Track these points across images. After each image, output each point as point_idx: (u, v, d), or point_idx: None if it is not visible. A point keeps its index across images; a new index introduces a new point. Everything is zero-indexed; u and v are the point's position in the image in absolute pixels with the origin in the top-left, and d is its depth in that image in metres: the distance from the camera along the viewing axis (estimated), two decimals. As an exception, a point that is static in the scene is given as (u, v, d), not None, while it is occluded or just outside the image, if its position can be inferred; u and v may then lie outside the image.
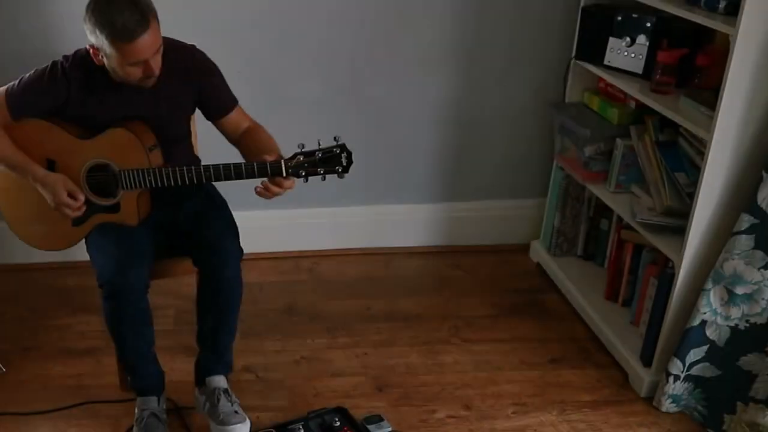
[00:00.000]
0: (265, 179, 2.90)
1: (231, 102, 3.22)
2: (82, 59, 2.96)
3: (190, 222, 3.14)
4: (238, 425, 3.08)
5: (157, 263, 3.16)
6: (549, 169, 4.20)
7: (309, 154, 2.86)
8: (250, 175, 2.88)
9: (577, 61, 3.81)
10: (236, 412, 3.14)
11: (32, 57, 3.27)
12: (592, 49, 3.66)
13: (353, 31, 4.02)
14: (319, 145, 2.86)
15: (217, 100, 3.19)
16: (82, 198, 2.99)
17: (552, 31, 4.07)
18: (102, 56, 2.82)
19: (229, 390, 3.21)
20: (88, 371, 3.57)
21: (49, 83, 2.95)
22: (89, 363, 3.63)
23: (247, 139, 3.20)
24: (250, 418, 3.15)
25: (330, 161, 2.87)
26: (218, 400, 3.14)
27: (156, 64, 2.84)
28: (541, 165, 4.34)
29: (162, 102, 3.05)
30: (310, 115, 4.13)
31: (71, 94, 2.96)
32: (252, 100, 3.50)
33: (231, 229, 3.13)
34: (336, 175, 2.90)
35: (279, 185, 2.90)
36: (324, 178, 2.91)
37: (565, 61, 3.92)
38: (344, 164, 2.89)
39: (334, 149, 2.86)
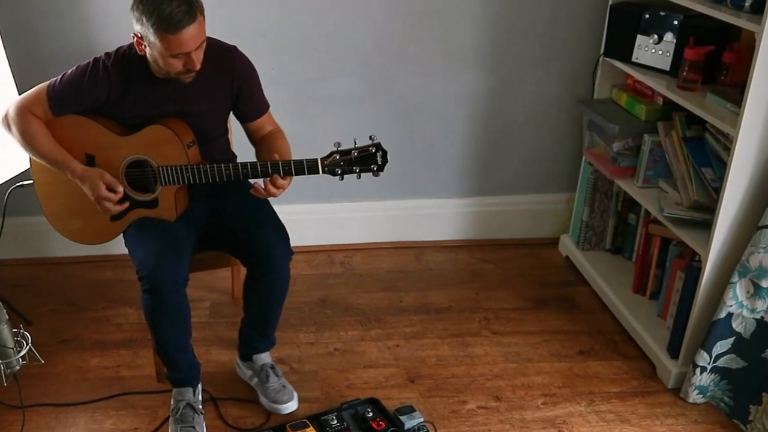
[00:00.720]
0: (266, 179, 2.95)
1: (264, 107, 3.26)
2: (124, 56, 2.99)
3: (237, 221, 3.16)
4: (290, 403, 3.22)
5: (195, 257, 3.19)
6: (578, 164, 4.20)
7: (345, 153, 2.89)
8: (287, 173, 2.91)
9: (606, 58, 3.81)
10: (284, 386, 3.25)
11: (74, 53, 3.32)
12: (620, 47, 3.67)
13: (385, 29, 4.04)
14: (355, 143, 2.89)
15: (253, 103, 3.22)
16: (120, 190, 3.01)
17: (581, 29, 4.07)
18: (145, 45, 2.84)
19: (274, 365, 3.32)
20: (125, 363, 3.61)
21: (90, 80, 2.97)
22: (126, 355, 3.67)
23: (267, 141, 3.23)
24: (295, 390, 3.25)
25: (366, 160, 2.90)
26: (267, 377, 3.26)
27: (198, 58, 2.87)
28: (570, 160, 4.35)
29: (201, 100, 3.07)
30: (342, 112, 4.16)
31: (112, 90, 2.98)
32: (284, 97, 3.55)
33: (282, 232, 3.16)
34: (371, 173, 2.93)
35: (276, 185, 2.95)
36: (359, 177, 2.95)
37: (594, 58, 3.93)
38: (379, 163, 2.92)
39: (370, 148, 2.89)
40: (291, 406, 3.24)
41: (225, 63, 3.09)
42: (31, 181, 3.23)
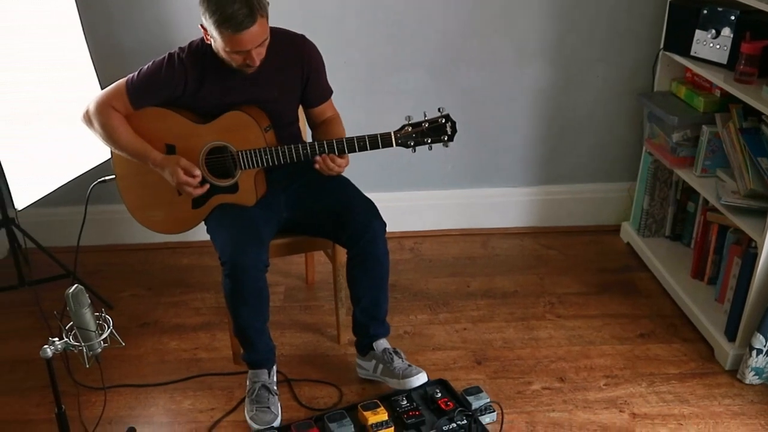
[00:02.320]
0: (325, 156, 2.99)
1: (329, 92, 3.30)
2: (197, 49, 3.05)
3: (325, 203, 3.19)
4: (419, 375, 3.19)
5: (277, 242, 3.24)
6: (639, 154, 4.20)
7: (416, 125, 2.93)
8: (362, 147, 2.95)
9: (665, 52, 3.82)
10: (409, 365, 3.25)
11: (155, 46, 3.38)
12: (679, 41, 3.68)
13: (451, 24, 4.07)
14: (425, 116, 2.92)
15: (320, 89, 3.26)
16: (198, 174, 3.07)
17: (642, 24, 4.07)
18: (210, 38, 2.91)
19: (397, 349, 3.32)
20: (203, 345, 3.67)
21: (167, 73, 3.03)
22: (203, 338, 3.73)
23: (325, 126, 3.28)
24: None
25: (436, 131, 2.94)
26: (391, 359, 3.25)
27: (258, 55, 2.91)
28: (631, 150, 4.34)
29: (273, 87, 3.12)
30: (411, 103, 4.15)
31: (188, 82, 3.05)
32: (355, 90, 3.59)
33: (372, 206, 3.18)
34: (442, 144, 2.96)
35: (336, 163, 3.00)
36: (431, 148, 2.97)
37: (654, 52, 3.94)
38: (449, 133, 2.95)
39: (440, 119, 2.93)
40: (421, 377, 3.20)
41: (294, 51, 3.13)
42: (113, 176, 3.29)
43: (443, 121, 2.94)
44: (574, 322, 3.73)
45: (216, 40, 2.87)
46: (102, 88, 3.16)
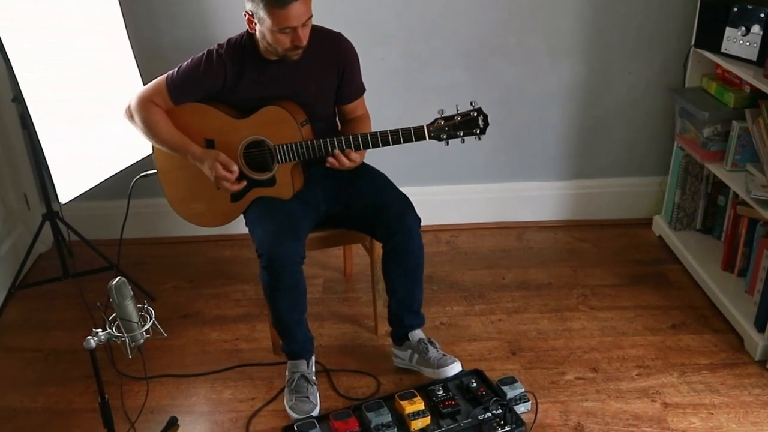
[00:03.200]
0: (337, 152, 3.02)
1: (361, 91, 3.34)
2: (236, 44, 3.09)
3: (362, 198, 3.21)
4: (454, 364, 3.23)
5: (315, 236, 3.27)
6: (670, 148, 4.20)
7: (449, 119, 2.95)
8: (396, 141, 2.98)
9: (696, 49, 3.82)
10: (444, 354, 3.28)
11: (196, 42, 3.41)
12: (710, 38, 3.67)
13: (487, 22, 4.09)
14: (457, 109, 2.95)
15: (353, 86, 3.29)
16: (235, 170, 3.10)
17: (673, 21, 4.07)
18: (255, 23, 2.94)
19: (432, 339, 3.35)
20: (243, 336, 3.70)
21: (206, 69, 3.07)
22: (244, 329, 3.76)
23: (353, 123, 3.31)
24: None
25: (468, 124, 2.96)
26: (426, 349, 3.28)
27: (304, 34, 2.93)
28: (663, 145, 4.34)
29: (310, 81, 3.15)
30: (446, 99, 4.11)
31: (227, 77, 3.08)
32: (392, 86, 3.60)
33: (407, 201, 3.19)
34: (474, 137, 2.98)
35: (349, 158, 3.03)
36: (463, 141, 2.99)
37: (685, 49, 3.94)
38: (481, 126, 2.97)
39: (472, 113, 2.95)
40: (456, 367, 3.23)
41: (331, 47, 3.17)
42: (155, 171, 3.33)
43: (475, 114, 2.96)
44: (606, 314, 3.74)
45: (264, 22, 2.88)
46: (144, 85, 3.21)
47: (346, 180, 3.25)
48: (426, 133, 2.97)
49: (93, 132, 3.64)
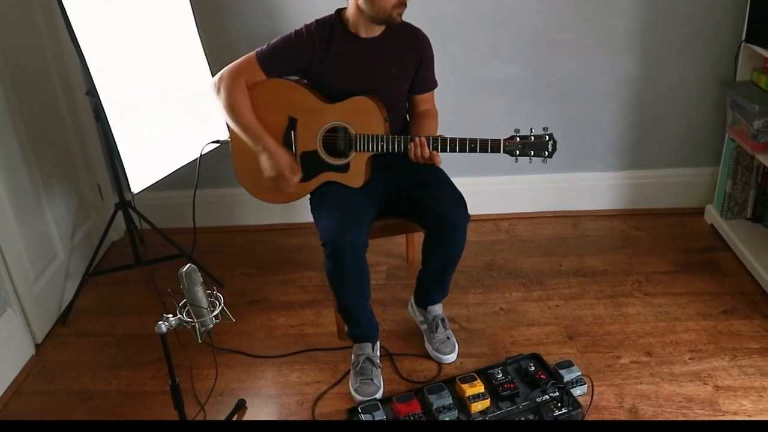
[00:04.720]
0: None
1: (433, 84, 3.38)
2: (324, 22, 3.15)
3: (418, 192, 3.22)
4: (450, 355, 3.35)
5: (376, 224, 3.28)
6: (721, 140, 4.20)
7: (524, 138, 3.01)
8: (472, 149, 3.02)
9: (747, 44, 3.83)
10: (448, 338, 3.39)
11: (261, 35, 3.42)
12: (760, 33, 3.69)
13: (545, 18, 4.13)
14: (531, 131, 3.00)
15: (426, 79, 3.34)
16: (300, 176, 3.19)
17: (724, 17, 4.06)
18: None
19: (445, 317, 3.45)
20: (309, 322, 3.76)
21: (296, 42, 3.12)
22: (310, 314, 3.81)
23: (420, 117, 3.34)
24: (458, 342, 3.39)
25: (540, 147, 3.01)
26: (436, 328, 3.40)
27: None
28: (714, 136, 4.34)
29: (392, 63, 3.19)
30: (506, 94, 4.25)
31: (316, 50, 3.12)
32: (454, 81, 3.62)
33: (460, 199, 3.18)
34: (541, 159, 3.04)
35: (431, 156, 3.07)
36: (531, 161, 3.05)
37: (736, 43, 3.94)
38: (550, 150, 3.02)
39: (545, 137, 3.01)
40: (450, 357, 3.36)
41: (411, 38, 3.23)
42: (228, 138, 3.32)
43: (547, 138, 3.01)
44: (660, 300, 3.76)
45: None
46: (212, 74, 3.25)
47: (405, 173, 3.28)
48: (502, 146, 3.02)
49: (164, 124, 3.69)
